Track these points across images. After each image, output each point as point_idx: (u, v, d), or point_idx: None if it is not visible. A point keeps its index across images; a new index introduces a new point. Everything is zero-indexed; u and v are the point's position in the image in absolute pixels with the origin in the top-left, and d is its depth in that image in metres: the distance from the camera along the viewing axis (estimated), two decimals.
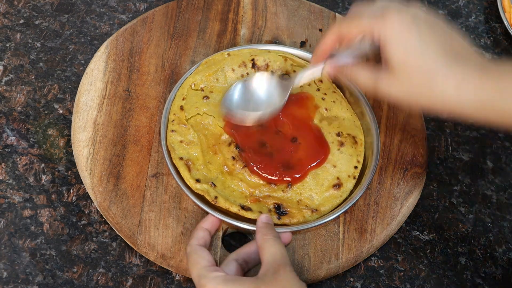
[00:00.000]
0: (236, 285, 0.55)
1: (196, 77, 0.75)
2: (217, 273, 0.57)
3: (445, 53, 0.58)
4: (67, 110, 0.77)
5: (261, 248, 0.60)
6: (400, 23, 0.58)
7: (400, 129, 0.76)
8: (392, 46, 0.58)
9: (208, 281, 0.56)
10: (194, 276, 0.59)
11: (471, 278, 0.70)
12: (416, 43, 0.58)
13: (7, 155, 0.73)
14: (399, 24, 0.58)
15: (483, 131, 0.81)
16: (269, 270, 0.56)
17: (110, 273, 0.67)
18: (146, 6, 0.87)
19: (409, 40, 0.58)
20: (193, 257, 0.60)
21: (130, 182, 0.69)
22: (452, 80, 0.57)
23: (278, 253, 0.58)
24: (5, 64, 0.80)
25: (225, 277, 0.57)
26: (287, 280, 0.55)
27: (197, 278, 0.58)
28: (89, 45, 0.82)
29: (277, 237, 0.61)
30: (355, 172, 0.71)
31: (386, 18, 0.59)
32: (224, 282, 0.56)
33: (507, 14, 0.88)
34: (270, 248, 0.59)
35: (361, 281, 0.69)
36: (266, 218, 0.64)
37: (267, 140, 0.71)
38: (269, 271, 0.56)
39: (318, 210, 0.68)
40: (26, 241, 0.68)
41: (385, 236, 0.69)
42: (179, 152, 0.70)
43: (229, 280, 0.56)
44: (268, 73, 0.74)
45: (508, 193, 0.76)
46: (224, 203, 0.67)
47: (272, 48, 0.79)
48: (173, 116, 0.72)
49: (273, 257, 0.58)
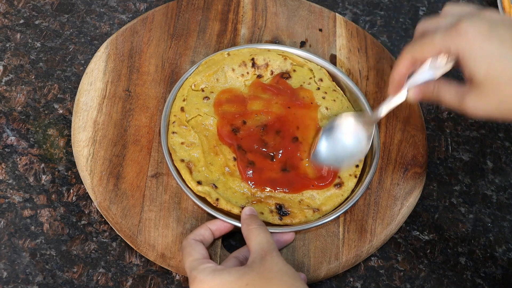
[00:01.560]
0: (225, 274, 0.56)
1: (197, 78, 0.75)
2: (208, 264, 0.58)
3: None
4: (67, 110, 0.77)
5: (247, 238, 0.61)
6: (477, 33, 0.54)
7: (400, 129, 0.76)
8: (474, 60, 0.54)
9: (198, 272, 0.57)
10: (186, 268, 0.59)
11: (471, 278, 0.70)
12: (500, 52, 0.53)
13: (7, 155, 0.73)
14: (476, 34, 0.54)
15: (483, 131, 0.81)
16: (256, 258, 0.57)
17: (110, 273, 0.67)
18: (146, 6, 0.87)
19: (491, 50, 0.53)
20: (186, 250, 0.61)
21: (130, 182, 0.69)
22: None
23: (263, 240, 0.59)
24: (5, 64, 0.80)
25: (215, 268, 0.57)
26: (274, 264, 0.56)
27: (189, 270, 0.58)
28: (89, 45, 0.82)
29: (261, 225, 0.62)
30: (356, 171, 0.71)
31: (461, 31, 0.54)
32: (213, 273, 0.56)
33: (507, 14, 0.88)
34: (255, 237, 0.60)
35: (361, 281, 0.69)
36: (249, 210, 0.65)
37: (268, 140, 0.71)
38: (256, 258, 0.57)
39: (320, 209, 0.68)
40: (26, 241, 0.68)
41: (385, 236, 0.69)
42: (180, 154, 0.70)
43: (218, 270, 0.57)
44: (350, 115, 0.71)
45: (508, 193, 0.76)
46: (225, 205, 0.67)
47: (272, 47, 0.79)
48: (173, 117, 0.72)
49: (259, 245, 0.59)
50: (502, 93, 0.54)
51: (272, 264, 0.56)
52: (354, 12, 0.90)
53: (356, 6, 0.91)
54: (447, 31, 0.55)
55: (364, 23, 0.89)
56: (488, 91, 0.54)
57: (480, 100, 0.55)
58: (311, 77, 0.77)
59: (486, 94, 0.55)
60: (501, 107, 0.54)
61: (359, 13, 0.90)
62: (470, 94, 0.56)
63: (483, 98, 0.55)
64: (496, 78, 0.53)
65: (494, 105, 0.55)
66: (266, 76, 0.77)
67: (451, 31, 0.55)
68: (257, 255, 0.57)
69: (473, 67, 0.54)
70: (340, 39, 0.83)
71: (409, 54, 0.59)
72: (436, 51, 0.57)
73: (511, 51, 0.53)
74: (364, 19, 0.90)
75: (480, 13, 0.56)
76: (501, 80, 0.53)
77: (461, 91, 0.57)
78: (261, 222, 0.62)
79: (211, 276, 0.56)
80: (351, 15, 0.90)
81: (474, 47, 0.54)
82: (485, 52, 0.53)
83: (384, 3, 0.91)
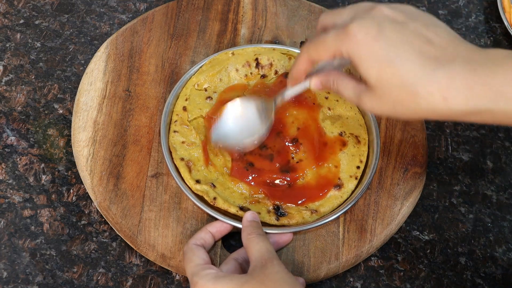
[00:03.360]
0: (226, 281, 0.56)
1: (200, 77, 0.75)
2: (209, 270, 0.58)
3: (422, 58, 0.51)
4: (67, 110, 0.77)
5: (247, 247, 0.61)
6: (364, 36, 0.52)
7: (400, 129, 0.76)
8: (364, 64, 0.52)
9: (199, 278, 0.57)
10: (188, 274, 0.59)
11: (471, 278, 0.70)
12: (388, 55, 0.51)
13: (7, 155, 0.73)
14: (363, 37, 0.52)
15: (483, 131, 0.81)
16: (257, 266, 0.57)
17: (110, 273, 0.67)
18: (146, 6, 0.87)
19: (380, 54, 0.51)
20: (188, 255, 0.61)
21: (130, 182, 0.69)
22: (437, 91, 0.50)
23: (263, 249, 0.59)
24: (5, 64, 0.80)
25: (216, 274, 0.57)
26: (275, 272, 0.56)
27: (190, 276, 0.59)
28: (89, 45, 0.82)
29: (261, 235, 0.61)
30: (357, 173, 0.71)
31: (350, 33, 0.52)
32: (215, 279, 0.56)
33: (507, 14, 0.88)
34: (255, 246, 0.60)
35: (361, 281, 0.69)
36: (251, 216, 0.65)
37: (268, 142, 0.71)
38: (257, 266, 0.57)
39: (318, 211, 0.68)
40: (26, 241, 0.68)
41: (385, 236, 0.69)
42: (180, 152, 0.70)
43: (219, 277, 0.57)
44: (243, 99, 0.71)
45: (508, 193, 0.76)
46: (222, 204, 0.67)
47: (275, 47, 0.79)
48: (176, 116, 0.72)
49: (259, 253, 0.59)
50: (396, 97, 0.52)
51: (273, 272, 0.56)
52: None
53: None
54: (339, 33, 0.53)
55: None
56: (381, 95, 0.53)
57: (375, 101, 0.54)
58: None
59: (380, 96, 0.53)
60: (396, 108, 0.53)
61: None
62: (366, 94, 0.55)
63: (378, 99, 0.54)
64: (388, 83, 0.52)
65: (389, 106, 0.53)
66: (270, 76, 0.77)
67: (342, 33, 0.53)
68: (257, 263, 0.57)
69: (364, 71, 0.53)
70: None
71: (306, 55, 0.58)
72: (330, 53, 0.55)
73: (397, 54, 0.51)
74: None
75: (372, 11, 0.54)
76: (392, 84, 0.52)
77: (359, 88, 0.56)
78: (261, 231, 0.62)
79: (212, 282, 0.56)
80: None
81: (363, 51, 0.52)
82: (374, 56, 0.52)
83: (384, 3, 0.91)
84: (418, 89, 0.51)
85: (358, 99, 0.56)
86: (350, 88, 0.57)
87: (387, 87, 0.52)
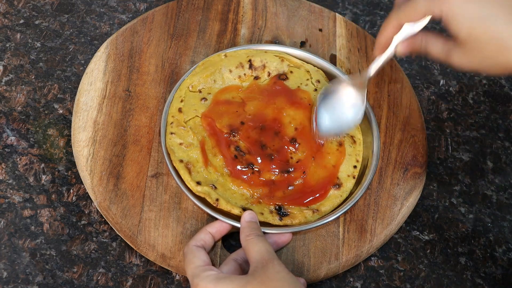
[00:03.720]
0: (227, 282, 0.56)
1: (194, 79, 0.75)
2: (210, 272, 0.58)
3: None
4: (67, 110, 0.77)
5: (246, 249, 0.61)
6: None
7: (400, 129, 0.76)
8: (456, 22, 0.57)
9: (200, 280, 0.57)
10: (188, 275, 0.59)
11: (471, 278, 0.70)
12: (480, 13, 0.57)
13: (7, 155, 0.73)
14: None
15: (483, 131, 0.81)
16: (258, 267, 0.57)
17: (110, 273, 0.67)
18: (146, 6, 0.87)
19: (472, 12, 0.57)
20: (188, 257, 0.61)
21: (130, 182, 0.69)
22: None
23: (263, 249, 0.59)
24: (5, 64, 0.80)
25: (217, 276, 0.57)
26: (276, 273, 0.56)
27: (191, 278, 0.58)
28: (89, 45, 0.82)
29: (260, 235, 0.62)
30: (354, 172, 0.71)
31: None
32: (216, 281, 0.56)
33: None
34: (254, 247, 0.60)
35: (361, 281, 0.69)
36: (249, 216, 0.65)
37: (267, 141, 0.71)
38: (257, 267, 0.57)
39: (319, 210, 0.68)
40: (26, 241, 0.68)
41: (385, 236, 0.69)
42: (178, 154, 0.70)
43: (220, 278, 0.57)
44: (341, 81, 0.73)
45: (508, 193, 0.76)
46: (225, 205, 0.67)
47: (270, 48, 0.79)
48: (171, 118, 0.72)
49: (259, 254, 0.59)
50: (484, 51, 0.57)
51: (274, 272, 0.56)
52: (354, 12, 0.90)
53: (356, 6, 0.91)
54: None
55: (364, 23, 0.89)
56: (471, 49, 0.58)
57: (464, 56, 0.59)
58: (308, 79, 0.77)
59: (469, 51, 0.58)
60: (483, 62, 0.58)
61: (359, 13, 0.90)
62: (455, 50, 0.59)
63: (467, 54, 0.59)
64: (478, 38, 0.57)
65: (477, 61, 0.59)
66: (263, 78, 0.77)
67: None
68: (258, 264, 0.57)
69: (456, 28, 0.58)
70: (340, 39, 0.83)
71: (394, 19, 0.62)
72: (421, 15, 0.60)
73: (490, 12, 0.56)
74: (364, 19, 0.90)
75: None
76: (482, 40, 0.57)
77: (448, 45, 0.60)
78: (259, 232, 0.62)
79: (213, 284, 0.56)
80: (351, 15, 0.90)
81: (456, 10, 0.57)
82: (466, 14, 0.57)
83: (384, 3, 0.91)
84: (508, 43, 0.56)
85: (447, 55, 0.60)
86: (440, 45, 0.61)
87: (477, 42, 0.57)
